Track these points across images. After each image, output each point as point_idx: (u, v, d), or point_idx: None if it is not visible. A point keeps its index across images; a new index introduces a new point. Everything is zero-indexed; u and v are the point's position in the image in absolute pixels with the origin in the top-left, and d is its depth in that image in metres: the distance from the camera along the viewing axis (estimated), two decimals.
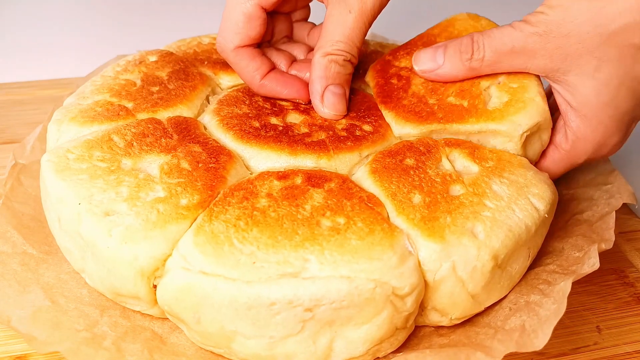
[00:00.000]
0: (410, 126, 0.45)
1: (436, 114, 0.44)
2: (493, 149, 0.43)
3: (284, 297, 0.34)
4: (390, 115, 0.46)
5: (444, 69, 0.45)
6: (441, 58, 0.45)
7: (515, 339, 0.35)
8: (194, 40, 0.57)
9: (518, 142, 0.43)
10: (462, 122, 0.44)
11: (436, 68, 0.45)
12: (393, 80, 0.48)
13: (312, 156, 0.42)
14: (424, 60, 0.46)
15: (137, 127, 0.43)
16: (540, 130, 0.44)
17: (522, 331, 0.35)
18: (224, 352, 0.37)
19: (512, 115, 0.43)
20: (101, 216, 0.37)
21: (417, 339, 0.39)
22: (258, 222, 0.36)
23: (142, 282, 0.37)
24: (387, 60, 0.51)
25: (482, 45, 0.43)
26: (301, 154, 0.42)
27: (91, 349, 0.36)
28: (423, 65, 0.46)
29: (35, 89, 0.68)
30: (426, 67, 0.46)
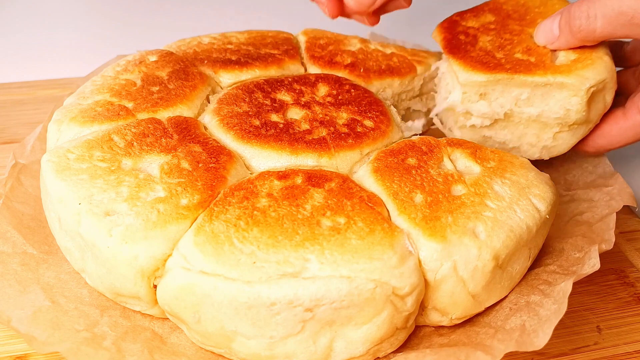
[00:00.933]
0: (477, 74, 0.47)
1: (504, 66, 0.47)
2: (495, 150, 0.43)
3: (284, 297, 0.33)
4: (457, 64, 0.48)
5: (560, 42, 0.46)
6: (557, 29, 0.46)
7: (516, 339, 0.35)
8: (194, 40, 0.57)
9: (584, 97, 0.45)
10: (530, 74, 0.46)
11: (553, 40, 0.46)
12: (461, 37, 0.51)
13: (313, 155, 0.42)
14: (541, 33, 0.47)
15: (137, 127, 0.43)
16: (605, 89, 0.46)
17: (522, 331, 0.35)
18: (224, 352, 0.37)
19: (579, 69, 0.45)
20: (101, 216, 0.37)
21: (417, 338, 0.39)
22: (258, 222, 0.36)
23: (142, 282, 0.37)
24: (454, 20, 0.53)
25: (593, 15, 0.42)
26: (302, 152, 0.42)
27: (91, 349, 0.36)
28: (541, 39, 0.47)
29: (35, 89, 0.67)
30: (544, 40, 0.47)
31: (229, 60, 0.53)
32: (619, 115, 0.46)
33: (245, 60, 0.53)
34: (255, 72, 0.52)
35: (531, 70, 0.46)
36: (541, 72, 0.46)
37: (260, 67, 0.53)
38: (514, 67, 0.46)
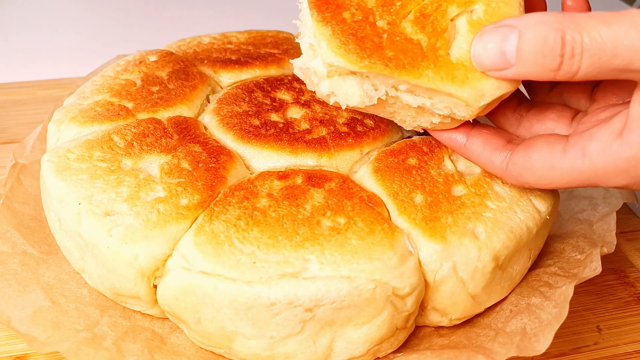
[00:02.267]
0: (346, 58, 0.34)
1: (384, 50, 0.34)
2: None
3: (284, 297, 0.33)
4: (323, 33, 0.34)
5: (513, 72, 0.32)
6: (513, 55, 0.32)
7: (517, 343, 0.35)
8: (194, 40, 0.57)
9: (475, 111, 0.36)
10: (414, 74, 0.34)
11: (504, 67, 0.33)
12: None
13: (313, 155, 0.42)
14: (485, 53, 0.33)
15: (137, 127, 0.43)
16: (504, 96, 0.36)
17: (523, 334, 0.35)
18: (224, 352, 0.37)
19: (477, 80, 0.34)
20: (101, 216, 0.37)
21: (417, 339, 0.39)
22: (258, 222, 0.36)
23: (142, 282, 0.37)
24: None
25: (578, 50, 0.30)
26: (302, 152, 0.42)
27: (91, 349, 0.36)
28: (485, 59, 0.33)
29: (35, 89, 0.67)
30: (489, 63, 0.33)
31: (229, 60, 0.53)
32: (557, 152, 0.33)
33: (245, 59, 0.53)
34: (255, 72, 0.52)
35: (417, 66, 0.34)
36: (429, 73, 0.34)
37: (260, 67, 0.53)
38: (396, 57, 0.34)
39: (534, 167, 0.34)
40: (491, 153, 0.37)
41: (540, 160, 0.34)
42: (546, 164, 0.34)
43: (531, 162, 0.34)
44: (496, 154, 0.37)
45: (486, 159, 0.37)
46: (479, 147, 0.37)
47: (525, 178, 0.35)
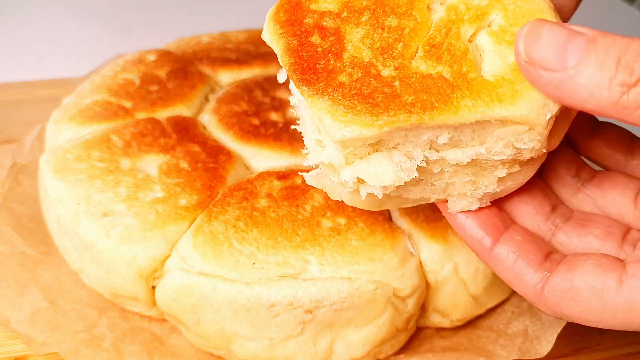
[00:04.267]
0: (358, 123, 0.26)
1: (401, 97, 0.27)
2: None
3: (284, 298, 0.33)
4: (322, 107, 0.27)
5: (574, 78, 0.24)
6: (576, 56, 0.24)
7: (518, 345, 0.35)
8: (193, 39, 0.56)
9: (544, 131, 0.27)
10: (449, 110, 0.26)
11: (559, 69, 0.24)
12: (313, 39, 0.29)
13: None
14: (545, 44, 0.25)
15: (136, 126, 0.43)
16: None
17: (525, 337, 0.35)
18: (224, 353, 0.37)
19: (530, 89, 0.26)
20: (100, 216, 0.37)
21: (418, 340, 0.39)
22: (258, 223, 0.36)
23: (141, 282, 0.36)
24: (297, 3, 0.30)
25: None
26: (302, 152, 0.42)
27: (90, 350, 0.36)
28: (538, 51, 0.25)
29: (34, 89, 0.67)
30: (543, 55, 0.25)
31: (229, 59, 0.53)
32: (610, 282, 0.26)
33: (245, 59, 0.53)
34: (254, 71, 0.52)
35: (448, 100, 0.26)
36: (467, 103, 0.26)
37: (259, 66, 0.52)
38: (419, 100, 0.26)
39: (579, 298, 0.27)
40: (524, 270, 0.29)
41: (587, 290, 0.27)
42: (595, 295, 0.26)
43: (575, 290, 0.27)
44: (530, 272, 0.29)
45: (516, 276, 0.29)
46: (509, 258, 0.29)
47: (566, 310, 0.27)
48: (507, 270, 0.29)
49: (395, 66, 0.28)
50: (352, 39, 0.29)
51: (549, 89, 0.25)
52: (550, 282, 0.28)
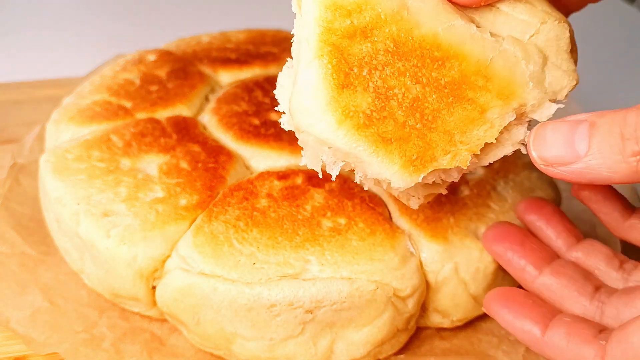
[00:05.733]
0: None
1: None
2: None
3: (284, 298, 0.33)
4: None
5: (590, 163, 0.25)
6: (584, 144, 0.25)
7: (522, 354, 0.35)
8: (193, 39, 0.56)
9: None
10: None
11: (574, 160, 0.26)
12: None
13: None
14: (553, 144, 0.26)
15: (135, 126, 0.43)
16: None
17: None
18: (224, 353, 0.36)
19: None
20: (100, 217, 0.37)
21: (418, 340, 0.39)
22: (258, 223, 0.36)
23: (141, 283, 0.36)
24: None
25: None
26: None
27: (90, 350, 0.36)
28: (550, 151, 0.27)
29: (33, 89, 0.67)
30: (556, 154, 0.26)
31: (229, 59, 0.53)
32: None
33: (245, 59, 0.53)
34: (254, 71, 0.52)
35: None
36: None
37: (260, 66, 0.52)
38: None
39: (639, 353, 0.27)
40: (579, 346, 0.29)
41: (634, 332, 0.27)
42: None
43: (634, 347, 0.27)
44: (585, 348, 0.29)
45: (573, 354, 0.29)
46: (562, 340, 0.29)
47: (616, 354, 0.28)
48: (563, 353, 0.30)
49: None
50: None
51: (575, 179, 0.26)
52: (608, 349, 0.28)
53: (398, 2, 0.27)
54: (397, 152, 0.26)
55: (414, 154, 0.26)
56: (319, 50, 0.26)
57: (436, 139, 0.27)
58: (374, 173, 0.26)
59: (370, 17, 0.27)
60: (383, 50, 0.27)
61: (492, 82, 0.28)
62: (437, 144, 0.27)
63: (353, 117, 0.26)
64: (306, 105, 0.26)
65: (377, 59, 0.27)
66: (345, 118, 0.26)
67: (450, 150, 0.27)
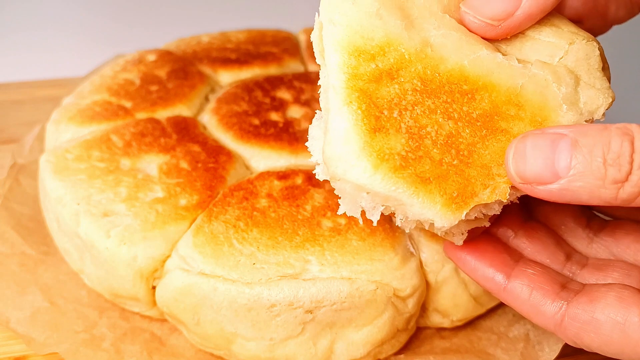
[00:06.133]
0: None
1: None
2: None
3: (285, 298, 0.33)
4: None
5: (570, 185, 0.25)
6: (565, 164, 0.25)
7: (520, 350, 0.35)
8: (193, 39, 0.56)
9: None
10: None
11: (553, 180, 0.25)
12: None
13: None
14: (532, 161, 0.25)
15: (135, 126, 0.43)
16: None
17: (526, 341, 0.35)
18: (224, 353, 0.36)
19: None
20: (99, 217, 0.37)
21: (418, 340, 0.39)
22: (258, 223, 0.36)
23: (141, 283, 0.36)
24: None
25: None
26: (302, 152, 0.42)
27: (90, 350, 0.36)
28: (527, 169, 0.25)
29: (34, 89, 0.67)
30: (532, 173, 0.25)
31: (229, 59, 0.53)
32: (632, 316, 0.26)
33: (245, 59, 0.53)
34: (254, 71, 0.52)
35: None
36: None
37: (260, 66, 0.52)
38: None
39: (600, 331, 0.27)
40: (540, 301, 0.29)
41: (608, 324, 0.27)
42: (616, 329, 0.26)
43: (596, 323, 0.27)
44: (547, 303, 0.29)
45: (533, 308, 0.29)
46: (524, 291, 0.29)
47: (586, 341, 0.27)
48: (523, 304, 0.30)
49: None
50: None
51: (553, 198, 0.25)
52: (569, 312, 0.28)
53: (420, 40, 0.27)
54: (437, 191, 0.26)
55: (454, 191, 0.26)
56: (347, 97, 0.26)
57: (474, 174, 0.26)
58: (415, 215, 0.26)
59: (395, 59, 0.27)
60: (411, 89, 0.27)
61: (524, 109, 0.27)
62: (476, 179, 0.26)
63: (389, 160, 0.25)
64: (340, 152, 0.25)
65: (406, 99, 0.26)
66: (381, 162, 0.25)
67: (489, 185, 0.26)
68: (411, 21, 0.27)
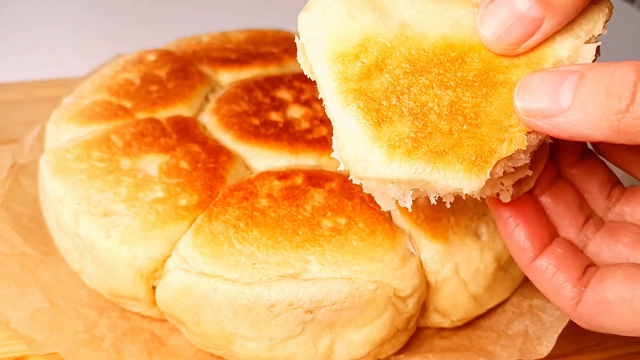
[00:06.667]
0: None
1: None
2: None
3: (285, 298, 0.33)
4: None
5: (571, 117, 0.24)
6: (569, 96, 0.24)
7: (519, 346, 0.35)
8: (193, 39, 0.56)
9: None
10: None
11: (556, 113, 0.25)
12: None
13: (314, 154, 0.42)
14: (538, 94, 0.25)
15: (135, 126, 0.43)
16: None
17: (525, 337, 0.35)
18: (224, 353, 0.36)
19: None
20: (99, 217, 0.37)
21: (418, 340, 0.39)
22: (258, 223, 0.36)
23: (141, 283, 0.36)
24: None
25: None
26: (302, 152, 0.42)
27: (90, 350, 0.36)
28: (531, 100, 0.25)
29: (34, 89, 0.67)
30: (535, 105, 0.25)
31: (229, 59, 0.53)
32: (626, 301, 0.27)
33: (245, 59, 0.53)
34: (254, 71, 0.52)
35: None
36: None
37: (260, 66, 0.52)
38: None
39: (611, 310, 0.27)
40: (563, 283, 0.29)
41: (617, 301, 0.27)
42: (625, 306, 0.27)
43: (607, 302, 0.27)
44: (568, 287, 0.29)
45: (554, 289, 0.29)
46: (549, 270, 0.29)
47: (600, 322, 0.28)
48: (545, 283, 0.30)
49: None
50: None
51: (556, 133, 0.25)
52: (584, 297, 0.28)
53: (397, 25, 0.27)
54: (455, 160, 0.26)
55: (472, 155, 0.26)
56: (344, 101, 0.26)
57: (487, 132, 0.26)
58: (443, 189, 0.26)
59: (378, 50, 0.27)
60: (402, 73, 0.27)
61: (516, 56, 0.27)
62: (490, 137, 0.26)
63: (400, 146, 0.26)
64: (353, 153, 0.26)
65: (400, 84, 0.27)
66: (393, 149, 0.26)
67: (504, 138, 0.26)
68: (383, 10, 0.27)
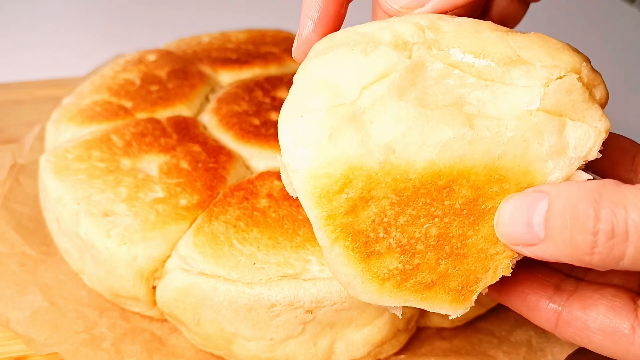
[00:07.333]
0: None
1: None
2: None
3: (285, 298, 0.33)
4: None
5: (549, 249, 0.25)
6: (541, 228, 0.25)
7: (523, 355, 0.35)
8: (194, 39, 0.56)
9: None
10: None
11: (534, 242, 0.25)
12: None
13: None
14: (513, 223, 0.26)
15: (136, 126, 0.43)
16: None
17: (528, 347, 0.35)
18: (224, 353, 0.36)
19: None
20: (100, 217, 0.37)
21: (418, 341, 0.39)
22: (258, 223, 0.36)
23: (141, 283, 0.36)
24: None
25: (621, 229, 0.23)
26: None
27: (90, 351, 0.36)
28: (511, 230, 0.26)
29: (34, 89, 0.67)
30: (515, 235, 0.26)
31: (229, 59, 0.53)
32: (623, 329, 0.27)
33: (245, 59, 0.53)
34: (255, 71, 0.52)
35: None
36: None
37: (260, 66, 0.52)
38: None
39: (592, 338, 0.27)
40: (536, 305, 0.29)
41: (600, 332, 0.27)
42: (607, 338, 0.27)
43: (588, 330, 0.27)
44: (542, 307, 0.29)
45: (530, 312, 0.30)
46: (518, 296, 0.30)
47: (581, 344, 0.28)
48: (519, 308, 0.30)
49: None
50: None
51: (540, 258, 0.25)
52: (563, 317, 0.28)
53: (382, 149, 0.25)
54: (442, 291, 0.27)
55: (458, 285, 0.27)
56: (330, 236, 0.26)
57: (473, 262, 0.27)
58: (431, 311, 0.27)
59: (363, 182, 0.25)
60: (388, 205, 0.26)
61: (507, 181, 0.26)
62: (475, 266, 0.27)
63: (390, 279, 0.26)
64: (345, 281, 0.27)
65: (387, 216, 0.26)
66: (383, 282, 0.26)
67: (489, 267, 0.27)
68: (366, 131, 0.25)
